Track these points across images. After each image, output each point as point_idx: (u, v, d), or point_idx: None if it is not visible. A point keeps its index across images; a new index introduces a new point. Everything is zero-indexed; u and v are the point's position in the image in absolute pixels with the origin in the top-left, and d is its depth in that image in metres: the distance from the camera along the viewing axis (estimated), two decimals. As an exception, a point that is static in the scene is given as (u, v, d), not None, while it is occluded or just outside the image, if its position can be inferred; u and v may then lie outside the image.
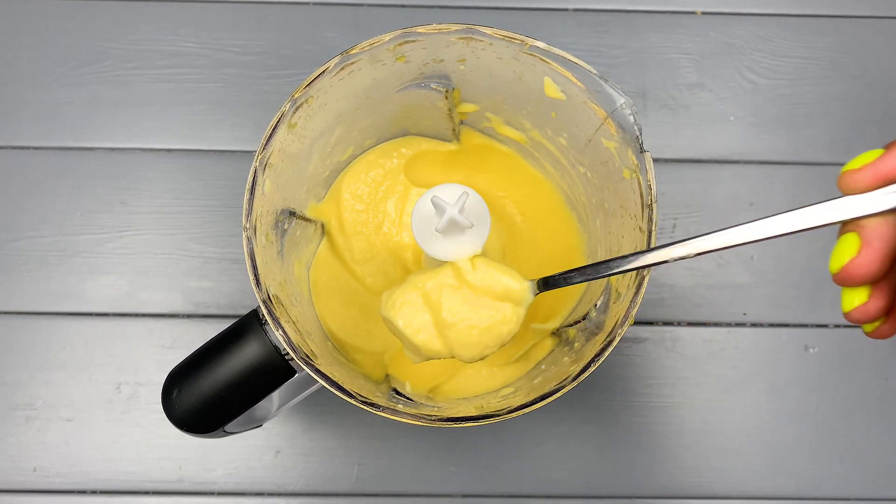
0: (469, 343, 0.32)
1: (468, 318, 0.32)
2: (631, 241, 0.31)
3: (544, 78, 0.32)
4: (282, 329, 0.29)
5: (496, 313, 0.32)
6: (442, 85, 0.35)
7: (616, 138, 0.31)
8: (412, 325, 0.32)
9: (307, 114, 0.32)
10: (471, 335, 0.32)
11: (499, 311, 0.32)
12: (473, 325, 0.32)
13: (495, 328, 0.32)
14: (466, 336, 0.32)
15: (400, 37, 0.31)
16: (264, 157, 0.30)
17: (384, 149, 0.39)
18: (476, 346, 0.32)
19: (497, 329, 0.32)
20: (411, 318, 0.32)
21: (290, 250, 0.35)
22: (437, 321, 0.32)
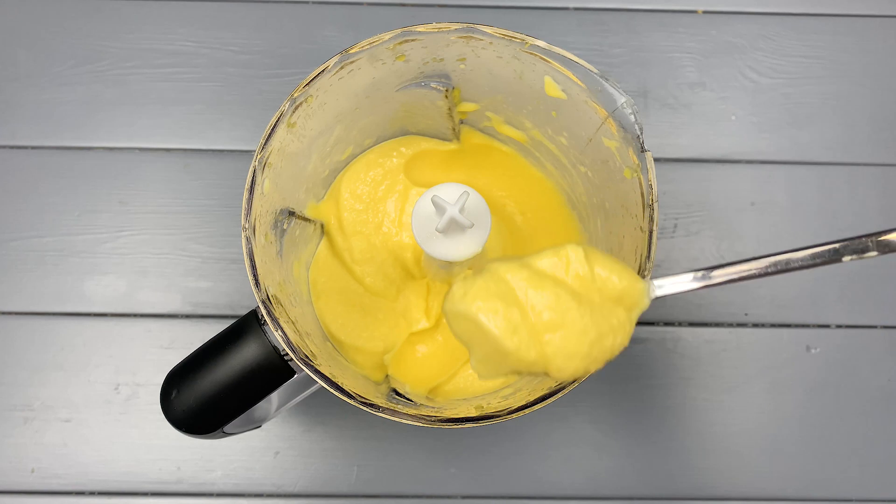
0: (576, 353, 0.25)
1: (578, 321, 0.25)
2: (632, 240, 0.31)
3: (545, 77, 0.32)
4: (281, 329, 0.29)
5: (611, 318, 0.26)
6: (442, 84, 0.35)
7: (617, 137, 0.31)
8: (502, 324, 0.25)
9: (306, 113, 0.32)
10: (580, 344, 0.25)
11: (613, 316, 0.26)
12: (584, 331, 0.25)
13: (608, 337, 0.26)
14: (574, 344, 0.25)
15: (399, 35, 0.31)
16: (263, 156, 0.30)
17: (384, 148, 0.39)
18: (583, 359, 0.26)
19: (610, 339, 0.26)
20: (501, 314, 0.25)
21: (289, 250, 0.34)
22: (531, 323, 0.26)
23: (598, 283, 0.26)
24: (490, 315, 0.25)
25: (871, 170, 0.48)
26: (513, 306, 0.26)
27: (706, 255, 0.47)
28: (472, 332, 0.26)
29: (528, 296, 0.26)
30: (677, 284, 0.27)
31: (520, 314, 0.25)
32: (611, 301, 0.26)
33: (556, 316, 0.25)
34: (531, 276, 0.26)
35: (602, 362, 0.26)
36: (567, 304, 0.25)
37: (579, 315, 0.25)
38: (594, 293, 0.26)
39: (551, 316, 0.25)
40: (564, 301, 0.25)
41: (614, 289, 0.26)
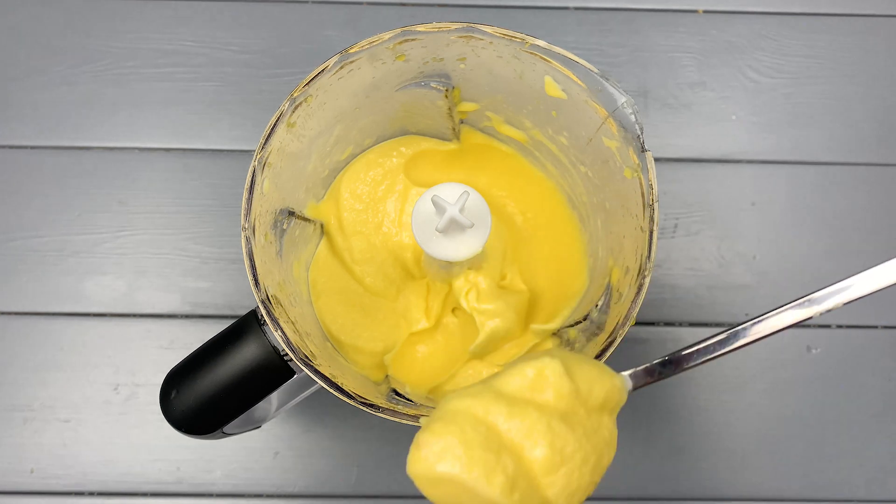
0: (580, 487, 0.22)
1: (577, 450, 0.22)
2: (632, 240, 0.31)
3: (545, 77, 0.32)
4: (280, 330, 0.29)
5: (602, 431, 0.23)
6: (442, 84, 0.35)
7: (617, 137, 0.31)
8: (500, 482, 0.21)
9: (306, 113, 0.32)
10: (583, 475, 0.22)
11: (604, 428, 0.23)
12: (585, 460, 0.22)
13: (604, 457, 0.23)
14: (578, 478, 0.22)
15: (399, 35, 0.31)
16: (263, 156, 0.30)
17: (384, 148, 0.39)
18: (585, 491, 0.22)
19: (607, 457, 0.23)
20: (495, 469, 0.21)
21: (288, 250, 0.34)
22: (528, 465, 0.21)
23: (582, 397, 0.23)
24: (480, 472, 0.21)
25: (871, 170, 0.48)
26: (503, 454, 0.21)
27: (707, 255, 0.47)
28: (458, 497, 0.22)
29: (515, 435, 0.22)
30: (651, 373, 0.25)
31: (513, 462, 0.21)
32: (596, 411, 0.23)
33: (553, 452, 0.21)
34: (511, 409, 0.22)
35: (597, 483, 0.23)
36: (562, 435, 0.22)
37: (577, 444, 0.22)
38: (580, 409, 0.23)
39: (548, 454, 0.21)
40: (558, 431, 0.22)
41: (598, 398, 0.23)
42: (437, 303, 0.37)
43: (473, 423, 0.22)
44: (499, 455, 0.21)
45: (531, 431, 0.22)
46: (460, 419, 0.22)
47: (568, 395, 0.22)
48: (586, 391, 0.23)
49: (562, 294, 0.37)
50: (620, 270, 0.32)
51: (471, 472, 0.21)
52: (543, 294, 0.38)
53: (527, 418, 0.22)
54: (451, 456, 0.21)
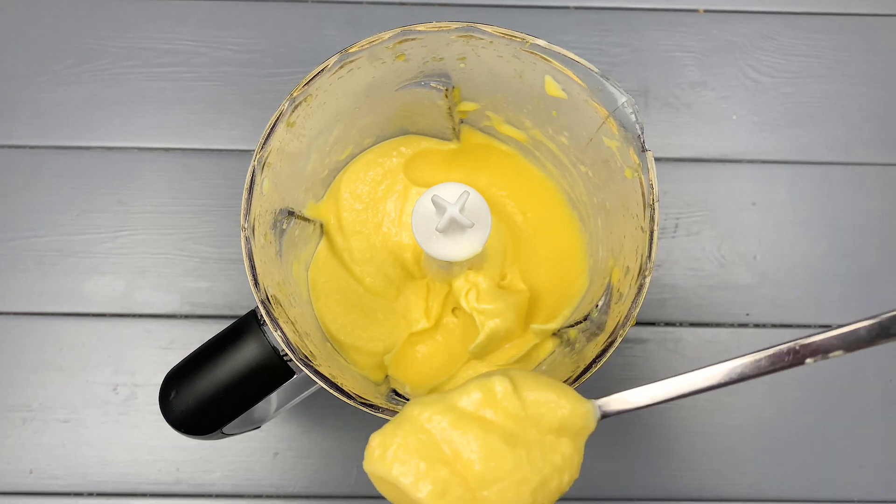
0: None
1: (514, 470, 0.22)
2: (633, 241, 0.31)
3: (545, 76, 0.32)
4: (280, 330, 0.29)
5: (553, 455, 0.22)
6: (442, 83, 0.35)
7: (617, 137, 0.31)
8: (429, 489, 0.22)
9: (306, 112, 0.31)
10: (520, 493, 0.22)
11: (555, 452, 0.22)
12: (523, 480, 0.22)
13: (553, 480, 0.22)
14: (514, 496, 0.22)
15: (399, 35, 0.31)
16: (263, 155, 0.30)
17: (383, 148, 0.39)
18: None
19: (555, 481, 0.22)
20: (426, 475, 0.22)
21: (288, 250, 0.34)
22: (462, 476, 0.22)
23: (532, 417, 0.23)
24: (412, 477, 0.22)
25: (872, 169, 0.48)
26: (438, 462, 0.22)
27: (707, 255, 0.47)
28: (397, 496, 0.23)
29: (454, 446, 0.22)
30: (624, 402, 0.24)
31: (448, 471, 0.22)
32: (552, 433, 0.23)
33: (488, 468, 0.22)
34: (455, 421, 0.23)
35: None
36: (499, 452, 0.22)
37: (514, 463, 0.22)
38: (530, 429, 0.23)
39: (483, 468, 0.22)
40: (496, 448, 0.22)
41: (553, 419, 0.23)
42: (436, 303, 0.37)
43: (417, 430, 0.23)
44: (434, 463, 0.22)
45: (468, 445, 0.22)
46: (406, 425, 0.23)
47: (515, 414, 0.23)
48: (536, 414, 0.23)
49: (562, 294, 0.37)
50: (621, 270, 0.32)
51: (403, 474, 0.22)
52: (544, 294, 0.38)
53: (467, 432, 0.22)
54: (390, 457, 0.23)
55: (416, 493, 0.22)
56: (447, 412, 0.23)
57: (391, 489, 0.23)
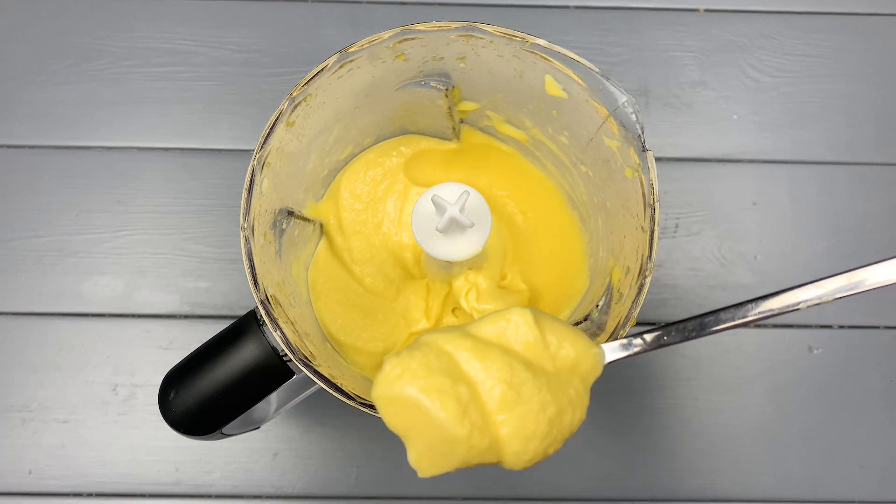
0: (534, 434, 0.22)
1: (535, 394, 0.22)
2: (633, 240, 0.31)
3: (545, 76, 0.32)
4: (280, 330, 0.29)
5: (568, 389, 0.23)
6: (442, 83, 0.34)
7: (618, 137, 0.31)
8: (451, 406, 0.22)
9: (306, 112, 0.31)
10: (539, 422, 0.22)
11: (570, 387, 0.23)
12: (542, 406, 0.22)
13: (567, 413, 0.23)
14: (533, 423, 0.22)
15: (399, 34, 0.31)
16: (262, 155, 0.30)
17: (383, 147, 0.39)
18: (542, 440, 0.22)
19: (569, 415, 0.23)
20: (448, 393, 0.22)
21: (288, 250, 0.34)
22: (482, 399, 0.22)
23: (550, 350, 0.23)
24: (435, 395, 0.22)
25: (874, 169, 0.48)
26: (459, 382, 0.22)
27: (708, 255, 0.46)
28: (412, 419, 0.23)
29: (475, 369, 0.22)
30: (629, 348, 0.25)
31: (468, 391, 0.22)
32: (566, 372, 0.23)
33: (509, 391, 0.22)
34: (476, 346, 0.23)
35: (560, 442, 0.23)
36: (521, 376, 0.22)
37: (536, 388, 0.22)
38: (547, 362, 0.23)
39: (504, 391, 0.22)
40: (518, 372, 0.22)
41: (567, 357, 0.23)
42: (436, 303, 0.37)
43: (437, 352, 0.23)
44: (455, 383, 0.22)
45: (491, 368, 0.22)
46: (425, 349, 0.23)
47: (534, 345, 0.23)
48: (555, 346, 0.23)
49: (562, 294, 0.37)
50: (621, 270, 0.32)
51: (425, 391, 0.22)
52: (544, 294, 0.37)
53: (489, 356, 0.22)
54: (410, 377, 0.22)
55: (438, 412, 0.22)
56: (467, 338, 0.23)
57: (406, 411, 0.22)
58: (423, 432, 0.22)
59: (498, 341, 0.23)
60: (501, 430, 0.22)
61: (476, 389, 0.22)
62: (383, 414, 0.23)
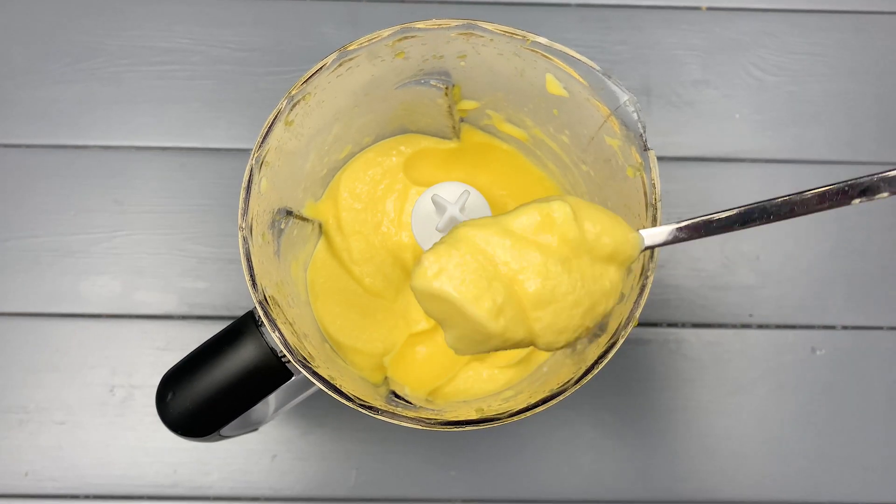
0: (566, 328, 0.24)
1: (570, 293, 0.23)
2: (635, 241, 0.31)
3: (546, 74, 0.32)
4: (278, 331, 0.29)
5: (603, 281, 0.24)
6: (442, 81, 0.34)
7: (619, 136, 0.30)
8: (487, 306, 0.23)
9: (304, 111, 0.31)
10: (571, 318, 0.24)
11: (605, 278, 0.24)
12: (576, 303, 0.23)
13: (600, 304, 0.24)
14: (566, 319, 0.24)
15: (399, 32, 0.31)
16: (261, 154, 0.30)
17: (383, 147, 0.38)
18: (574, 332, 0.24)
19: (602, 306, 0.24)
20: (484, 295, 0.23)
21: (286, 250, 0.34)
22: (518, 297, 0.23)
23: (588, 242, 0.24)
24: (471, 295, 0.23)
25: (877, 168, 0.47)
26: (495, 282, 0.23)
27: (710, 255, 0.46)
28: (449, 312, 0.24)
29: (510, 268, 0.23)
30: (663, 234, 0.25)
31: (504, 292, 0.23)
32: (602, 261, 0.24)
33: (544, 289, 0.23)
34: (513, 244, 0.24)
35: (593, 329, 0.24)
36: (556, 275, 0.23)
37: (570, 286, 0.23)
38: (584, 255, 0.24)
39: (539, 289, 0.23)
40: (553, 271, 0.23)
41: (606, 246, 0.24)
42: None
43: (474, 250, 0.24)
44: (490, 282, 0.23)
45: (527, 267, 0.23)
46: (462, 245, 0.24)
47: (573, 240, 0.24)
48: (594, 239, 0.24)
49: None
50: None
51: (461, 292, 0.23)
52: None
53: (525, 254, 0.23)
54: (447, 276, 0.23)
55: (475, 309, 0.23)
56: (505, 235, 0.24)
57: (443, 306, 0.23)
58: (460, 324, 0.24)
59: (535, 237, 0.24)
60: (535, 324, 0.23)
61: (511, 287, 0.23)
62: (422, 303, 0.25)
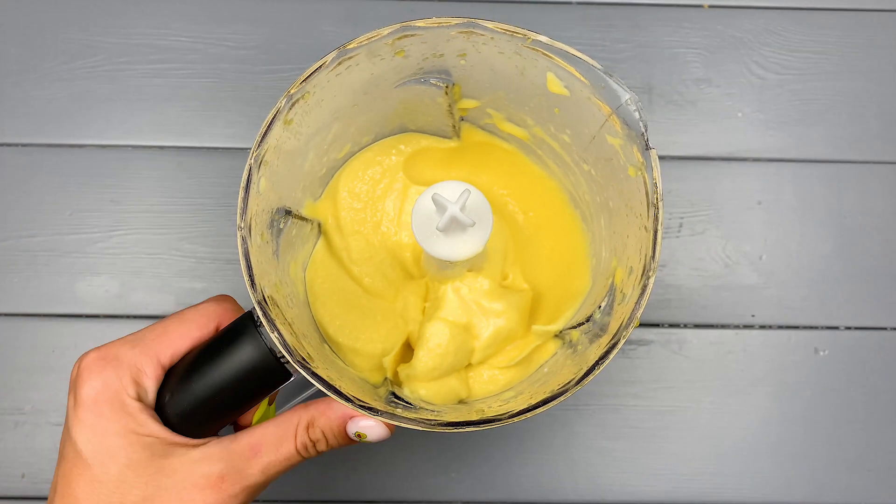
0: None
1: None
2: (636, 240, 0.30)
3: (547, 73, 0.31)
4: (277, 331, 0.28)
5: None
6: (442, 80, 0.34)
7: (621, 135, 0.30)
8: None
9: (303, 110, 0.31)
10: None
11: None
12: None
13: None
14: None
15: (399, 31, 0.30)
16: (259, 153, 0.29)
17: (382, 146, 0.38)
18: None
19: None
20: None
21: (285, 250, 0.33)
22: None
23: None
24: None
25: (881, 168, 0.47)
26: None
27: (712, 254, 0.46)
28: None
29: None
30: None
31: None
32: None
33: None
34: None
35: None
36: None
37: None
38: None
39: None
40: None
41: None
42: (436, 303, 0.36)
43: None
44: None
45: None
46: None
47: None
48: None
49: (564, 294, 0.36)
50: (624, 271, 0.31)
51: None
52: (546, 294, 0.37)
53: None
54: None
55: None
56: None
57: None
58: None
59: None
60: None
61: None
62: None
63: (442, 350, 0.35)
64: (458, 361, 0.36)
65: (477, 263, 0.35)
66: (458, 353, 0.35)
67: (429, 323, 0.36)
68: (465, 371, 0.36)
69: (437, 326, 0.35)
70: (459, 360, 0.36)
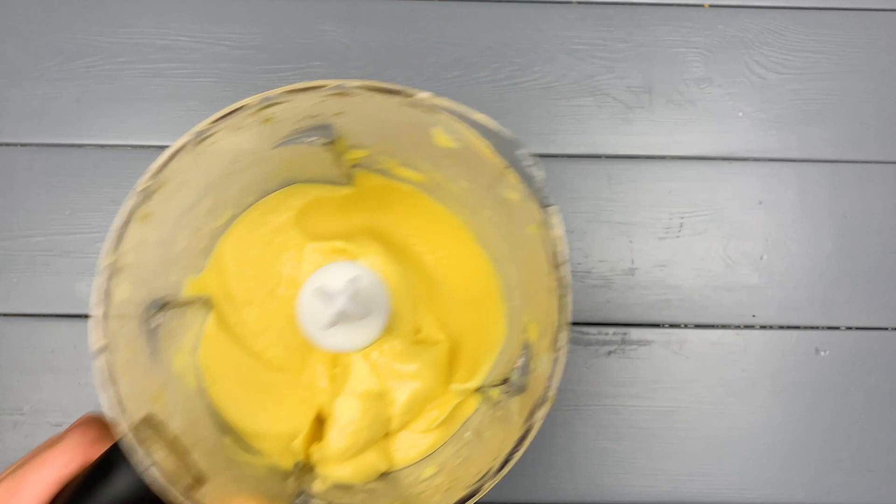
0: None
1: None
2: (546, 302, 0.28)
3: (431, 129, 0.29)
4: (154, 461, 0.26)
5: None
6: (323, 135, 0.31)
7: (518, 189, 0.28)
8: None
9: (163, 198, 0.28)
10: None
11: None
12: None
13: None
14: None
15: (260, 102, 0.28)
16: (113, 262, 0.27)
17: (269, 203, 0.35)
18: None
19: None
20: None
21: (166, 346, 0.31)
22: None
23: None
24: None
25: (881, 167, 0.47)
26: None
27: (713, 254, 0.46)
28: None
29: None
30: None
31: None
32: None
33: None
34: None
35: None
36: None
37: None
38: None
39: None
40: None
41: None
42: (345, 367, 0.35)
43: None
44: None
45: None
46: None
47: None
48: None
49: (481, 343, 0.35)
50: (537, 328, 0.29)
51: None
52: (462, 343, 0.36)
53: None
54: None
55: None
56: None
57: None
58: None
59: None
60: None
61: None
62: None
63: (355, 427, 0.33)
64: (374, 434, 0.34)
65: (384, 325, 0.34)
66: (374, 426, 0.34)
67: (337, 399, 0.34)
68: (385, 441, 0.35)
69: (347, 402, 0.33)
70: (376, 433, 0.34)
